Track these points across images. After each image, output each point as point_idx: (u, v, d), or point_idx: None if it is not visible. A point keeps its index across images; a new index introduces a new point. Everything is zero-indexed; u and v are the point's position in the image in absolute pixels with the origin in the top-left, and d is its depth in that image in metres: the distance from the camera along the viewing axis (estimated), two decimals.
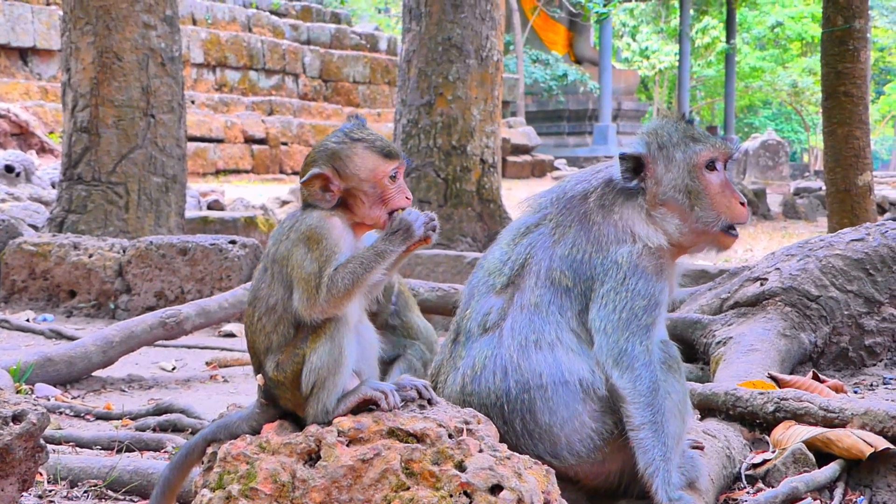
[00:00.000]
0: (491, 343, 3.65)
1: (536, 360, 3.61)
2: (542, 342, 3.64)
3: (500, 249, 3.89)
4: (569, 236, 3.78)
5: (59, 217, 12.44)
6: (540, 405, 3.57)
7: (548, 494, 3.01)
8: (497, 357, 3.62)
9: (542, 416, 3.57)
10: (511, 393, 3.56)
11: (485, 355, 3.64)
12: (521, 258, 3.80)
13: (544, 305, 3.70)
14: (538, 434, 3.56)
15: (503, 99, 15.00)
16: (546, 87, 50.22)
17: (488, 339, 3.67)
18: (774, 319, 6.18)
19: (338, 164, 3.12)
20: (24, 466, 3.64)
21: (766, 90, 68.92)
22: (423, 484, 2.85)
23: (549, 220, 3.85)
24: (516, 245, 3.84)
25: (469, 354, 3.67)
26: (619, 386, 3.62)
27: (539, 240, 3.81)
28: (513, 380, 3.58)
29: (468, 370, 3.64)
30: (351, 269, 2.99)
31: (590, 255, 3.75)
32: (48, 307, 10.65)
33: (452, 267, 10.43)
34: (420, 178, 13.84)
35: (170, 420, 5.90)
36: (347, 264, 3.00)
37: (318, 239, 3.04)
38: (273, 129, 32.29)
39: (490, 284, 3.80)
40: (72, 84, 12.40)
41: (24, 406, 3.63)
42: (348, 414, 2.99)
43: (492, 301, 3.74)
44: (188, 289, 10.29)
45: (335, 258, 3.02)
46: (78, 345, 7.28)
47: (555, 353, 3.63)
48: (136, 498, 4.59)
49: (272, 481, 2.90)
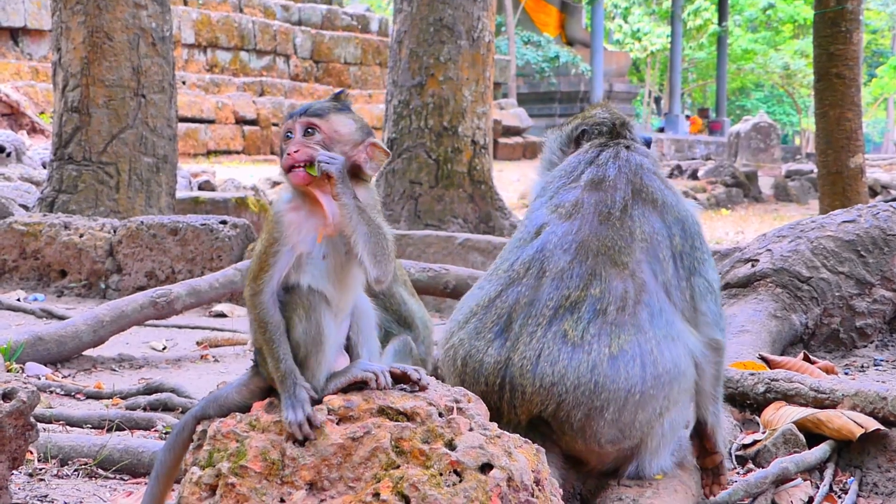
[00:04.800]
0: (623, 327, 3.54)
1: (670, 353, 3.57)
2: (673, 333, 3.60)
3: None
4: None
5: (49, 197, 12.41)
6: (659, 399, 3.55)
7: (538, 473, 3.01)
8: (638, 344, 3.54)
9: (651, 408, 3.55)
10: (646, 383, 3.52)
11: (623, 340, 3.53)
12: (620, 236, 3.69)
13: (666, 287, 3.66)
14: (628, 424, 3.55)
15: (495, 80, 14.98)
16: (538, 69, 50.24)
17: (619, 321, 3.55)
18: (765, 300, 6.19)
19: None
20: (15, 444, 3.64)
21: (758, 72, 68.93)
22: (413, 462, 2.85)
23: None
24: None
25: (599, 335, 3.53)
26: (721, 340, 3.70)
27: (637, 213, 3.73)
28: (650, 372, 3.52)
29: (604, 352, 3.51)
30: (269, 332, 2.97)
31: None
32: (39, 287, 10.64)
33: (443, 248, 10.43)
34: (411, 159, 13.82)
35: (160, 399, 5.89)
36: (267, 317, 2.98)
37: (269, 223, 3.02)
38: (264, 109, 32.25)
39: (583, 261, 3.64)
40: (62, 64, 12.36)
41: (15, 384, 3.63)
42: (338, 393, 2.98)
43: (615, 283, 3.58)
44: (179, 269, 10.28)
45: (275, 249, 2.97)
46: (69, 324, 7.27)
47: (677, 345, 3.59)
48: (127, 476, 4.59)
49: (262, 459, 2.89)
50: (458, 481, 2.83)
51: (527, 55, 50.03)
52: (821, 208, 12.08)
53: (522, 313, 3.60)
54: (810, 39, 12.95)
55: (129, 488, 4.42)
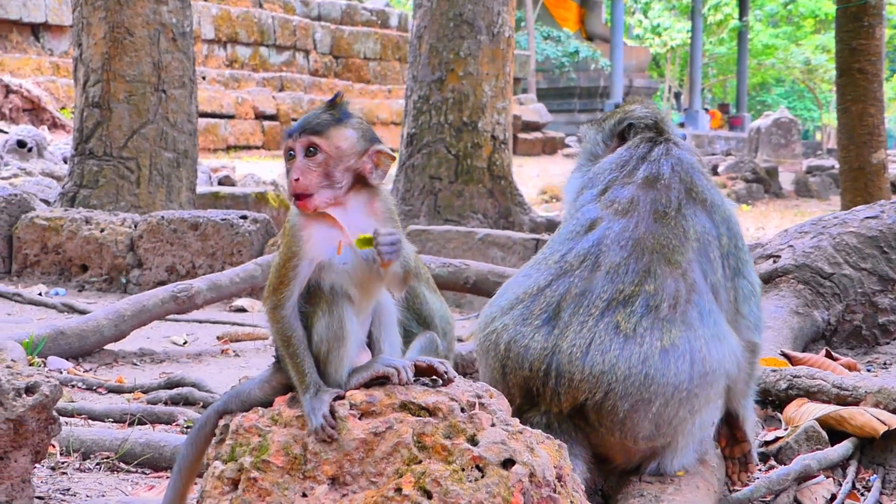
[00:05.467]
0: (675, 324, 3.56)
1: (717, 353, 3.60)
2: (720, 333, 3.63)
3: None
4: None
5: (70, 192, 12.45)
6: (700, 397, 3.57)
7: (560, 469, 3.01)
8: (688, 341, 3.56)
9: (690, 406, 3.57)
10: (693, 381, 3.53)
11: (675, 336, 3.55)
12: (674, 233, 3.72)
13: (715, 287, 3.69)
14: (667, 421, 3.56)
15: (514, 76, 14.95)
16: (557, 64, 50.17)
17: (670, 318, 3.56)
18: (787, 297, 6.17)
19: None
20: (37, 438, 3.65)
21: (779, 67, 68.70)
22: (435, 457, 2.85)
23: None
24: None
25: (651, 329, 3.55)
26: (759, 343, 3.82)
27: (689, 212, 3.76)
28: (697, 370, 3.54)
29: (655, 345, 3.53)
30: (293, 346, 2.97)
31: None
32: (60, 281, 10.67)
33: (463, 243, 10.42)
34: (431, 155, 13.82)
35: (181, 393, 5.91)
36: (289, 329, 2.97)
37: (286, 235, 3.00)
38: (284, 105, 32.27)
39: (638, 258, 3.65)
40: (83, 59, 12.40)
41: (37, 378, 3.64)
42: (360, 388, 2.98)
43: (668, 281, 3.60)
44: (199, 263, 10.30)
45: (294, 262, 2.96)
46: (90, 318, 7.29)
47: (724, 345, 3.63)
48: (148, 470, 4.60)
49: (284, 454, 2.90)
50: (480, 476, 2.82)
51: (546, 50, 49.96)
52: (842, 204, 12.04)
53: (573, 303, 3.61)
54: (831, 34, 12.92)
55: (151, 482, 4.43)
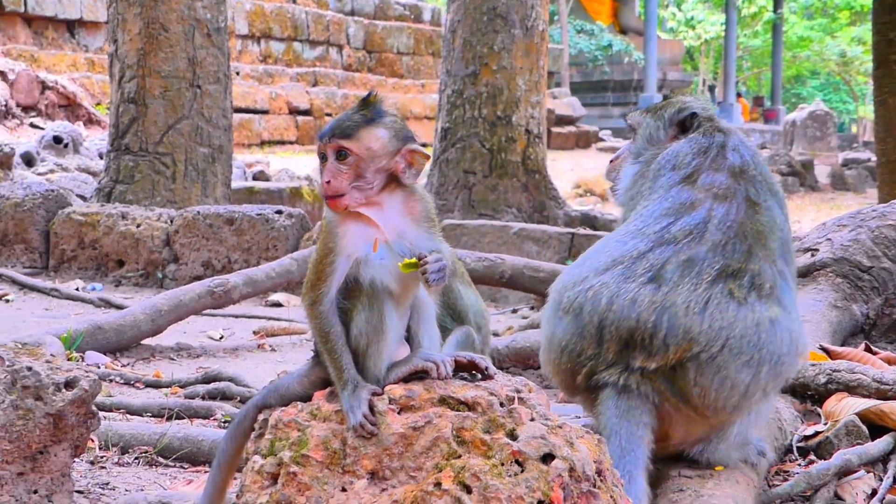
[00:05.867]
0: (776, 303, 3.67)
1: (804, 340, 3.76)
2: (800, 323, 3.78)
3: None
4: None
5: (107, 187, 12.51)
6: (780, 379, 3.70)
7: (599, 464, 2.99)
8: (789, 321, 3.67)
9: (774, 385, 3.69)
10: (790, 357, 3.66)
11: (778, 312, 3.65)
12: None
13: (790, 276, 3.80)
14: (756, 391, 3.63)
15: (547, 70, 14.92)
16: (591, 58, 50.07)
17: (771, 297, 3.67)
18: (825, 290, 6.12)
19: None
20: (77, 432, 3.66)
21: (814, 60, 68.34)
22: (474, 452, 2.84)
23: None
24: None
25: (759, 301, 3.64)
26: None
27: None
28: (793, 350, 3.66)
29: (765, 315, 3.62)
30: (331, 342, 2.96)
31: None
32: (97, 276, 10.73)
33: (498, 237, 10.41)
34: (465, 149, 13.81)
35: (218, 388, 5.93)
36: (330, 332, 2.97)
37: (323, 232, 3.00)
38: (317, 100, 32.32)
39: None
40: (119, 55, 12.45)
41: (77, 373, 3.65)
42: (399, 382, 2.97)
43: (765, 265, 3.70)
44: (235, 258, 10.33)
45: (330, 259, 2.95)
46: (127, 313, 7.32)
47: (804, 336, 3.76)
48: (186, 464, 4.61)
49: (323, 448, 2.90)
50: (520, 471, 2.81)
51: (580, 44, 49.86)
52: (880, 197, 11.94)
53: (680, 268, 3.66)
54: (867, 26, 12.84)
55: (189, 476, 4.44)
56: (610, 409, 3.62)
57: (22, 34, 27.52)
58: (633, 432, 3.58)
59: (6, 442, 3.51)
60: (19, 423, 3.52)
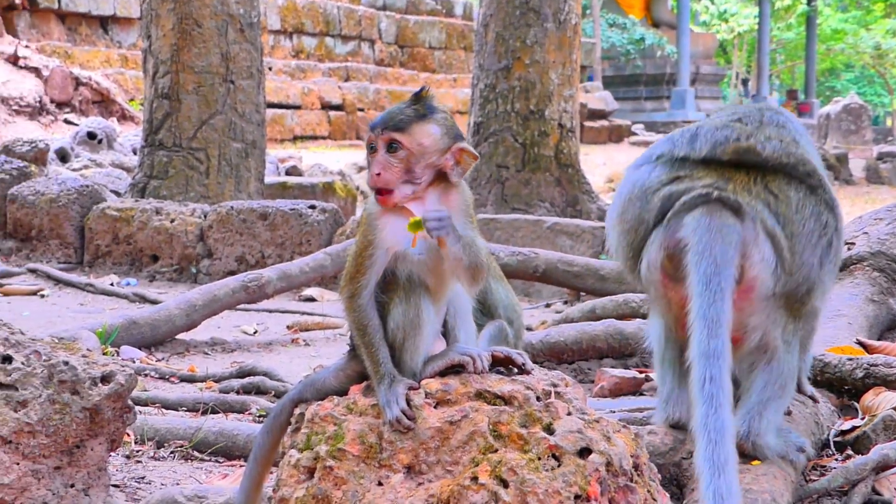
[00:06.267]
0: None
1: None
2: None
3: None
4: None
5: (140, 182, 12.56)
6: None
7: (636, 458, 2.99)
8: None
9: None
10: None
11: None
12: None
13: None
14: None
15: (580, 63, 14.87)
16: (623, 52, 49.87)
17: None
18: (862, 284, 6.08)
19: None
20: (113, 426, 3.68)
21: (849, 53, 67.89)
22: (511, 446, 2.84)
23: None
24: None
25: None
26: None
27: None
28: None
29: None
30: (368, 336, 2.95)
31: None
32: (131, 271, 10.78)
33: (532, 231, 10.40)
34: (498, 143, 13.78)
35: (253, 382, 5.94)
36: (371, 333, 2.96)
37: (362, 225, 2.98)
38: (349, 95, 32.35)
39: None
40: (152, 51, 12.50)
41: (113, 367, 3.66)
42: (436, 376, 2.97)
43: None
44: (268, 253, 10.36)
45: (370, 252, 2.94)
46: (162, 308, 7.36)
47: None
48: (222, 459, 4.63)
49: (360, 442, 2.90)
50: (557, 466, 2.81)
51: (612, 38, 49.68)
52: None
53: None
54: None
55: (225, 470, 4.46)
56: (702, 224, 3.45)
57: (55, 30, 27.67)
58: (726, 252, 3.41)
59: (43, 436, 3.52)
60: (56, 417, 3.54)
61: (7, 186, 11.60)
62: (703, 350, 3.22)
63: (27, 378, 3.54)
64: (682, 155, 3.69)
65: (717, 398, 3.11)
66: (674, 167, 3.68)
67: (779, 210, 3.57)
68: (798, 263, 3.57)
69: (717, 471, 2.97)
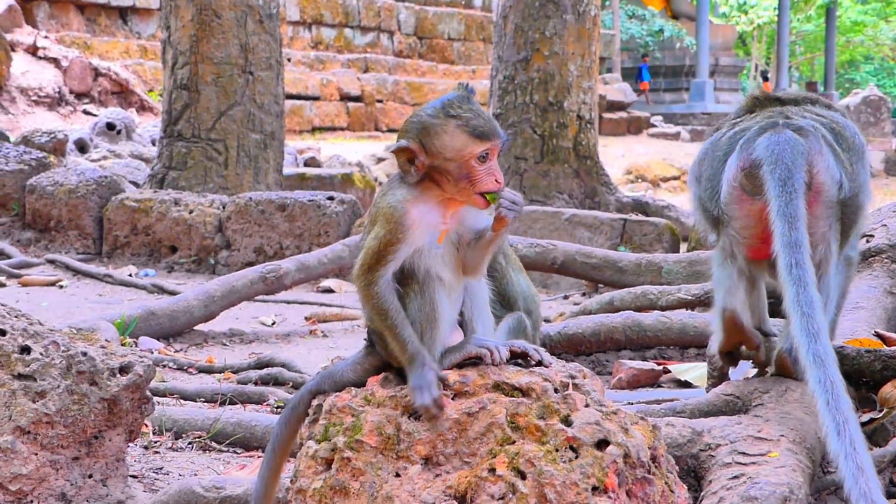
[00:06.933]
0: None
1: None
2: None
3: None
4: None
5: (159, 173, 12.59)
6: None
7: (654, 450, 2.98)
8: None
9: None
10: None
11: None
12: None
13: None
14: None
15: (599, 55, 14.85)
16: (642, 43, 49.79)
17: None
18: (881, 277, 6.05)
19: (425, 140, 2.97)
20: (131, 417, 3.69)
21: (868, 45, 67.64)
22: (528, 438, 2.83)
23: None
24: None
25: None
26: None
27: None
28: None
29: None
30: (391, 318, 2.94)
31: None
32: (150, 262, 10.80)
33: (550, 223, 10.38)
34: (516, 135, 13.78)
35: (271, 374, 5.95)
36: (391, 308, 2.95)
37: (388, 220, 2.93)
38: (368, 86, 32.36)
39: None
40: (171, 42, 12.51)
41: (131, 358, 3.67)
42: (453, 368, 2.97)
43: None
44: (287, 244, 10.37)
45: (395, 248, 2.93)
46: (180, 299, 7.37)
47: None
48: (240, 450, 4.63)
49: (377, 434, 2.90)
50: (575, 457, 2.81)
51: (631, 29, 49.61)
52: None
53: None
54: None
55: (243, 461, 4.46)
56: (772, 141, 3.88)
57: (75, 21, 27.73)
58: (796, 160, 3.84)
59: (61, 427, 3.54)
60: (74, 407, 3.55)
61: (26, 177, 11.63)
62: (786, 241, 3.68)
63: (46, 369, 3.55)
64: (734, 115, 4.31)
65: (803, 279, 3.57)
66: (732, 123, 4.24)
67: (833, 127, 4.06)
68: (853, 173, 4.00)
69: (813, 338, 3.42)
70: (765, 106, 4.22)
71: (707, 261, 7.31)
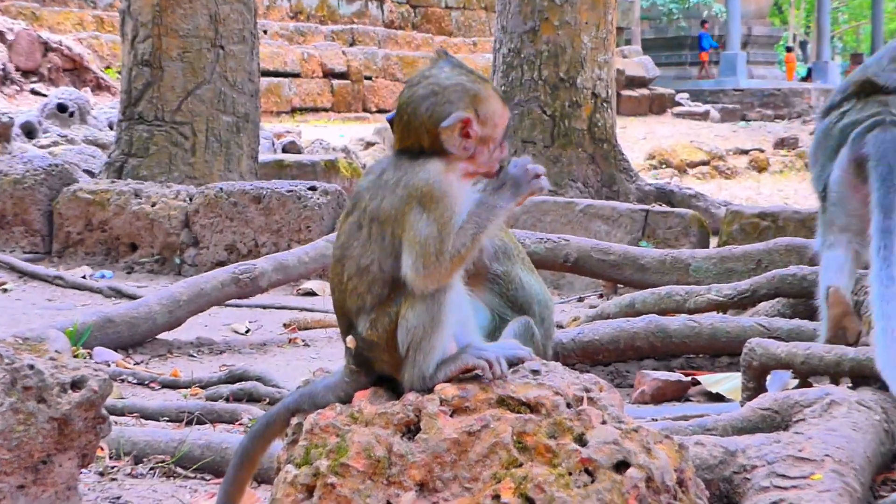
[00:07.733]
0: None
1: None
2: None
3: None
4: None
5: (117, 161, 12.58)
6: None
7: (681, 472, 2.97)
8: None
9: None
10: None
11: None
12: None
13: None
14: None
15: (617, 25, 14.85)
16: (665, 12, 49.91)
17: None
18: None
19: (479, 108, 3.03)
20: (85, 439, 3.67)
21: None
22: (537, 460, 2.83)
23: None
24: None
25: None
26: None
27: None
28: None
29: None
30: (467, 230, 2.94)
31: None
32: (106, 262, 10.80)
33: (562, 215, 10.38)
34: (523, 115, 13.78)
35: (244, 389, 5.95)
36: (465, 226, 2.94)
37: (436, 197, 2.94)
38: (355, 61, 32.39)
39: None
40: (132, 12, 12.50)
41: (85, 372, 3.66)
42: (450, 381, 2.96)
43: None
44: (263, 241, 10.37)
45: (455, 219, 2.95)
46: (141, 304, 7.36)
47: None
48: (209, 476, 4.62)
49: (366, 456, 2.88)
50: (590, 482, 2.81)
51: None
52: None
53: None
54: None
55: (211, 489, 4.46)
56: (878, 139, 4.99)
57: None
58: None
59: (5, 450, 3.52)
60: (20, 428, 3.53)
61: None
62: (881, 227, 4.76)
63: None
64: (837, 100, 5.37)
65: (888, 259, 4.66)
66: (837, 110, 5.33)
67: None
68: None
69: (887, 301, 4.50)
70: (866, 91, 5.21)
71: (740, 256, 7.37)
